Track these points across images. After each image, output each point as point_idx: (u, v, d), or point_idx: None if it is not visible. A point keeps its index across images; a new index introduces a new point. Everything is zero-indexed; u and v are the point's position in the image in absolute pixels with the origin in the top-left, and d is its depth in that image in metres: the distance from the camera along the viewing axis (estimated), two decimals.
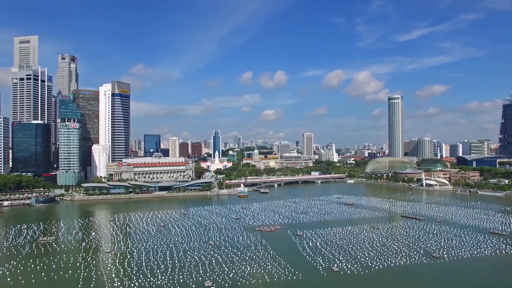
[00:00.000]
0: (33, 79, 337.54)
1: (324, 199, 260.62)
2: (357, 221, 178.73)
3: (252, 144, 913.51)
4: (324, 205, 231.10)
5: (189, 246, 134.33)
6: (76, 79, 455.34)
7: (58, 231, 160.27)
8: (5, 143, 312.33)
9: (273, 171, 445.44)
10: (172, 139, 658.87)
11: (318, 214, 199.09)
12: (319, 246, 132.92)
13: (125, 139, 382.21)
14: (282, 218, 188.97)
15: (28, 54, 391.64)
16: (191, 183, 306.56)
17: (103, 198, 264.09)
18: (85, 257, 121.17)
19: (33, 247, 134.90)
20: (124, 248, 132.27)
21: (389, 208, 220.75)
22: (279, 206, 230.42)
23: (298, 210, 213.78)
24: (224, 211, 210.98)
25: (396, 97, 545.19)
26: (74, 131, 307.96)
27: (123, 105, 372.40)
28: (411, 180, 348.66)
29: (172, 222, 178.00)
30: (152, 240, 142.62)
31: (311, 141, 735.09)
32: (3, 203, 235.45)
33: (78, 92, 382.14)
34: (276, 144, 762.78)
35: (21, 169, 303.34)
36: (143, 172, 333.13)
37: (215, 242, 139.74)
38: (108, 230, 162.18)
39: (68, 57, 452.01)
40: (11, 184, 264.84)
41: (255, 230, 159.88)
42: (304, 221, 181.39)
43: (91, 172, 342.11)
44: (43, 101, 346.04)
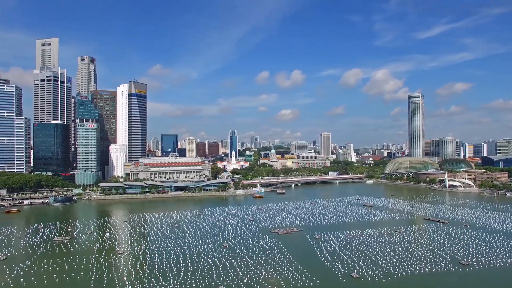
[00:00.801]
0: (53, 80, 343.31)
1: (342, 200, 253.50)
2: (377, 224, 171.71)
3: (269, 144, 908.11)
4: (342, 207, 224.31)
5: (203, 248, 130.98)
6: (95, 80, 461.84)
7: (73, 231, 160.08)
8: (27, 143, 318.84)
9: (290, 171, 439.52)
10: (189, 139, 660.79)
11: (336, 216, 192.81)
12: (338, 250, 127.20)
13: (142, 139, 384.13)
14: (299, 219, 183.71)
15: (49, 56, 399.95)
16: (207, 183, 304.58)
17: (119, 197, 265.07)
18: (98, 258, 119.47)
19: (48, 247, 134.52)
20: (137, 250, 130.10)
21: (411, 210, 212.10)
22: (296, 207, 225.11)
23: (316, 211, 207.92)
24: (239, 212, 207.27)
25: (417, 95, 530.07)
26: (92, 131, 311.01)
27: (140, 105, 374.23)
28: (433, 181, 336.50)
29: (186, 223, 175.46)
30: (166, 242, 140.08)
31: (328, 140, 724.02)
32: (23, 202, 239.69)
33: (96, 92, 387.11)
34: (293, 143, 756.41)
35: (42, 168, 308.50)
36: (160, 172, 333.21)
37: (229, 245, 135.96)
38: (123, 231, 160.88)
39: (87, 58, 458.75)
40: (32, 183, 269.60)
41: (271, 232, 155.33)
42: (322, 223, 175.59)
43: (109, 172, 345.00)
44: (62, 102, 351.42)
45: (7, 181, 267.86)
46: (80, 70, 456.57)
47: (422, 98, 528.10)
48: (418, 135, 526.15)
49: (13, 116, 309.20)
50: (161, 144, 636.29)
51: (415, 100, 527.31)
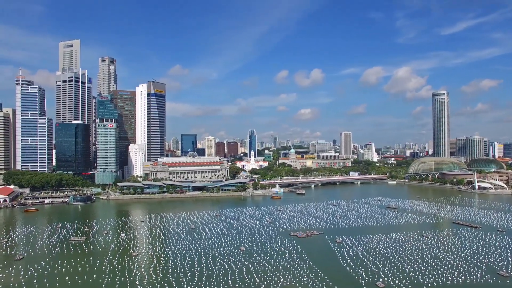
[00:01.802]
0: (74, 81, 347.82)
1: (364, 201, 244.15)
2: (402, 227, 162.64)
3: (289, 143, 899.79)
4: (364, 208, 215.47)
5: (219, 252, 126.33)
6: (115, 80, 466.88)
7: (90, 231, 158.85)
8: (49, 143, 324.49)
9: (309, 171, 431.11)
10: (208, 138, 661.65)
11: (358, 218, 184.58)
12: (361, 255, 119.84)
13: (161, 139, 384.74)
14: (319, 222, 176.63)
15: (71, 58, 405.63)
16: (225, 183, 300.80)
17: (137, 197, 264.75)
18: (112, 260, 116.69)
19: (64, 247, 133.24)
20: (151, 252, 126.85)
21: (438, 213, 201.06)
22: (316, 208, 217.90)
23: (337, 213, 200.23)
24: (258, 213, 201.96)
25: (441, 93, 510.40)
26: (111, 131, 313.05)
27: (158, 105, 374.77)
28: (460, 182, 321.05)
29: (203, 224, 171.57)
30: (181, 244, 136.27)
31: (349, 140, 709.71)
32: (44, 201, 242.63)
33: (115, 92, 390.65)
34: (313, 143, 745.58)
35: (63, 168, 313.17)
36: (178, 171, 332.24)
37: (246, 248, 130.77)
38: (138, 232, 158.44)
39: (108, 59, 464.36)
40: (53, 183, 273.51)
41: (290, 235, 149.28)
42: (343, 226, 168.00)
43: (128, 171, 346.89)
44: (83, 102, 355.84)
45: (30, 180, 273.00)
46: (101, 70, 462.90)
47: (447, 95, 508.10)
48: (443, 134, 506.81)
49: (36, 116, 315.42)
50: (180, 144, 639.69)
51: (439, 98, 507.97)
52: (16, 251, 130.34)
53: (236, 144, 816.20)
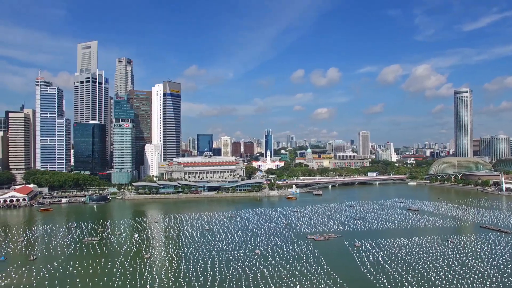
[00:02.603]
0: (91, 82, 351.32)
1: (384, 203, 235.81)
2: (425, 231, 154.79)
3: (305, 143, 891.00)
4: (384, 210, 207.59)
5: (233, 255, 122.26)
6: (131, 80, 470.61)
7: (104, 231, 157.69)
8: (67, 143, 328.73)
9: (326, 171, 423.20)
10: (224, 138, 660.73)
11: (378, 221, 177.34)
12: (382, 261, 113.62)
13: (176, 138, 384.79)
14: (337, 224, 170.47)
15: (89, 59, 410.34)
16: (241, 184, 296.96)
17: (152, 197, 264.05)
18: (123, 262, 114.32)
19: (77, 248, 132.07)
20: (164, 254, 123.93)
21: (463, 216, 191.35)
22: (333, 210, 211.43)
23: (355, 215, 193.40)
24: (273, 215, 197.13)
25: (464, 90, 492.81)
26: (127, 131, 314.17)
27: (174, 105, 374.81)
28: (486, 183, 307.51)
29: (217, 226, 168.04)
30: (195, 246, 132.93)
31: (367, 140, 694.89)
32: (61, 200, 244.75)
33: (132, 93, 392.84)
34: (330, 143, 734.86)
35: (81, 167, 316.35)
36: (193, 171, 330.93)
37: (261, 251, 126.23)
38: (152, 233, 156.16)
39: (125, 60, 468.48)
40: (70, 182, 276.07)
41: (307, 238, 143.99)
42: (362, 229, 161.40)
43: (144, 171, 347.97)
44: (100, 102, 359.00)
45: (48, 180, 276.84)
46: (118, 71, 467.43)
47: (470, 93, 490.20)
48: (466, 133, 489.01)
49: (55, 116, 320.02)
50: (197, 143, 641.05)
51: (462, 96, 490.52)
52: (31, 251, 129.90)
53: (252, 144, 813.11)
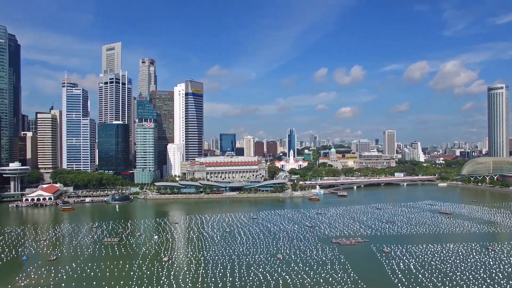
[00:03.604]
0: (115, 82, 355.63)
1: (412, 205, 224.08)
2: (461, 237, 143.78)
3: (329, 142, 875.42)
4: (413, 213, 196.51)
5: (254, 259, 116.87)
6: (155, 81, 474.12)
7: (124, 232, 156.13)
8: (92, 143, 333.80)
9: (351, 172, 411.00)
10: (247, 138, 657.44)
11: (407, 225, 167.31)
12: (414, 269, 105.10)
13: (198, 138, 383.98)
14: (363, 228, 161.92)
15: (113, 60, 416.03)
16: (263, 184, 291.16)
17: (174, 197, 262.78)
18: (141, 265, 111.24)
19: (96, 249, 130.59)
20: (182, 257, 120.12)
21: (502, 221, 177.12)
22: (359, 212, 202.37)
23: (382, 218, 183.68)
24: (296, 217, 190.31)
25: (499, 86, 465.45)
26: (150, 131, 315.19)
27: (196, 104, 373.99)
28: None
29: (239, 228, 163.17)
30: (214, 249, 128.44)
31: (393, 139, 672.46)
32: (85, 200, 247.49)
33: (154, 93, 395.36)
34: (354, 142, 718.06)
35: (104, 167, 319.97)
36: (215, 171, 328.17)
37: (284, 256, 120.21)
38: (171, 234, 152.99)
39: (148, 61, 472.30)
40: (94, 181, 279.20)
41: (331, 242, 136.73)
42: (391, 233, 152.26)
43: (167, 171, 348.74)
44: (124, 103, 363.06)
45: (73, 179, 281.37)
46: (141, 72, 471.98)
47: (506, 89, 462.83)
48: (501, 132, 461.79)
49: (80, 117, 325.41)
50: (220, 143, 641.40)
51: (496, 93, 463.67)
52: (52, 250, 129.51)
53: (275, 143, 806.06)
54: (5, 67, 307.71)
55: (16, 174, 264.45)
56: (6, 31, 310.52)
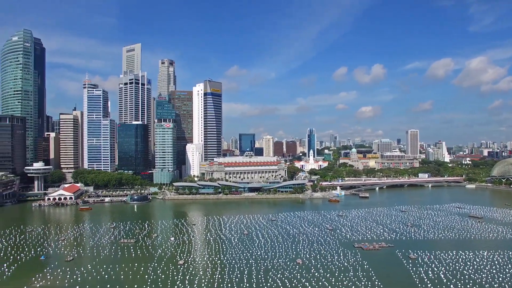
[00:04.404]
0: (134, 83, 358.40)
1: (439, 208, 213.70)
2: (495, 244, 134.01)
3: (349, 142, 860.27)
4: (441, 217, 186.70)
5: (272, 264, 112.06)
6: (174, 81, 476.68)
7: (140, 233, 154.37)
8: (112, 143, 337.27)
9: (373, 172, 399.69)
10: (266, 138, 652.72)
11: (434, 229, 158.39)
12: (444, 279, 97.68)
13: (217, 138, 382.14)
14: (387, 231, 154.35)
15: (133, 61, 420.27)
16: (282, 185, 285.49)
17: (192, 197, 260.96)
18: (156, 268, 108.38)
19: (112, 250, 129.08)
20: (198, 260, 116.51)
21: None
22: (382, 215, 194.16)
23: (407, 221, 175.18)
24: (317, 219, 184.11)
25: None
26: (168, 131, 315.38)
27: (215, 104, 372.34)
28: None
29: (257, 230, 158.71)
30: (231, 253, 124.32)
31: (416, 138, 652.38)
32: (104, 199, 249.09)
33: (173, 93, 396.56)
34: (376, 142, 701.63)
35: (124, 167, 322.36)
36: (234, 171, 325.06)
37: (304, 261, 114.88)
38: (188, 236, 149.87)
39: (167, 61, 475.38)
40: (114, 181, 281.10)
41: (354, 247, 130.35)
42: (417, 238, 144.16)
43: (186, 171, 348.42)
44: (143, 103, 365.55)
45: (94, 179, 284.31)
46: (161, 72, 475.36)
47: None
48: None
49: (100, 117, 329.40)
50: (239, 143, 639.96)
51: None
52: (69, 251, 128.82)
53: (294, 143, 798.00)
54: (31, 70, 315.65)
55: (39, 174, 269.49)
56: (32, 35, 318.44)
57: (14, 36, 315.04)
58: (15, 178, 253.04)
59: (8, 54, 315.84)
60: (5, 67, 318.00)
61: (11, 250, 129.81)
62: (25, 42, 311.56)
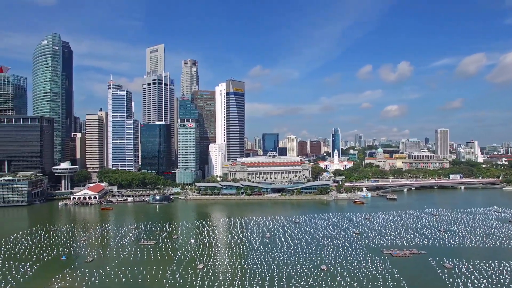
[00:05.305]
0: (157, 83, 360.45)
1: (475, 212, 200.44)
2: None
3: (375, 142, 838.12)
4: (477, 222, 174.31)
5: (295, 270, 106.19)
6: (197, 81, 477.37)
7: (160, 234, 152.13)
8: (136, 143, 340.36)
9: (400, 173, 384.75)
10: (290, 137, 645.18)
11: (471, 235, 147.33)
12: None
13: (240, 138, 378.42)
14: (418, 237, 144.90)
15: (156, 62, 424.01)
16: (306, 185, 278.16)
17: (214, 198, 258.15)
18: (174, 271, 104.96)
19: (132, 251, 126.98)
20: (218, 265, 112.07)
21: None
22: (412, 218, 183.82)
23: (440, 226, 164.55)
24: (342, 222, 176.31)
25: None
26: (191, 131, 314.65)
27: (237, 104, 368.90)
28: None
29: (280, 233, 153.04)
30: (253, 257, 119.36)
31: (445, 138, 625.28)
32: (127, 199, 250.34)
33: (196, 93, 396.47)
34: (403, 142, 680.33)
35: (147, 167, 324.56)
36: (257, 172, 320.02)
37: (329, 267, 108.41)
38: (209, 238, 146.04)
39: (190, 61, 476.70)
40: (137, 181, 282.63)
41: (382, 253, 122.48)
42: (452, 245, 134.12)
43: (208, 171, 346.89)
44: (166, 103, 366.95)
45: (117, 179, 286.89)
46: (184, 73, 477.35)
47: None
48: None
49: (124, 118, 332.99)
50: (262, 143, 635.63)
51: None
52: (89, 252, 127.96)
53: (318, 143, 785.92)
54: (59, 72, 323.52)
55: (66, 173, 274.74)
56: (60, 38, 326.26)
57: (44, 40, 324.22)
58: (43, 177, 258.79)
59: (39, 57, 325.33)
60: (36, 70, 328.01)
61: (35, 249, 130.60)
62: (54, 46, 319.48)
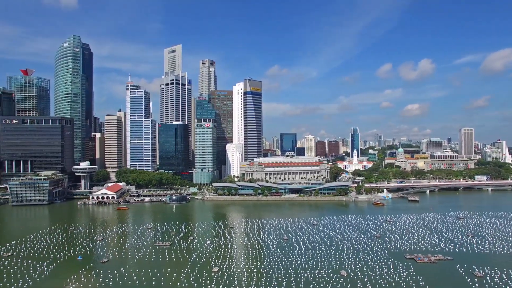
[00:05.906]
0: (175, 84, 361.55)
1: (505, 216, 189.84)
2: None
3: (395, 142, 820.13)
4: (508, 226, 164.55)
5: (313, 275, 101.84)
6: (214, 81, 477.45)
7: (176, 235, 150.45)
8: (153, 143, 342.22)
9: (422, 173, 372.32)
10: (308, 137, 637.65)
11: (503, 241, 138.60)
12: None
13: (257, 138, 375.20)
14: (444, 242, 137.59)
15: (174, 62, 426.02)
16: (325, 186, 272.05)
17: (231, 198, 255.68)
18: (189, 274, 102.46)
19: (147, 252, 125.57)
20: (234, 268, 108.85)
21: None
22: (436, 221, 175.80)
23: (467, 230, 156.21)
24: (362, 224, 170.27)
25: None
26: (208, 131, 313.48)
27: (255, 103, 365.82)
28: None
29: (297, 235, 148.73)
30: (269, 260, 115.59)
31: (470, 137, 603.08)
32: (144, 199, 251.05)
33: (213, 93, 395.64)
34: (424, 141, 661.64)
35: (165, 167, 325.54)
36: (274, 172, 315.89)
37: (348, 273, 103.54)
38: (225, 240, 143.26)
39: (208, 61, 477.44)
40: (154, 181, 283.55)
41: (405, 258, 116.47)
42: (481, 251, 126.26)
43: (226, 171, 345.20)
44: (183, 103, 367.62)
45: (135, 178, 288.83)
46: (201, 73, 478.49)
47: None
48: None
49: (142, 118, 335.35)
50: (280, 143, 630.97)
51: None
52: (105, 252, 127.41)
53: (337, 143, 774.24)
54: (79, 73, 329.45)
55: (85, 173, 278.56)
56: (80, 40, 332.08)
57: (65, 42, 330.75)
58: (64, 177, 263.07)
59: (60, 59, 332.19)
60: (58, 71, 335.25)
61: (53, 249, 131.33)
62: (74, 48, 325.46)
